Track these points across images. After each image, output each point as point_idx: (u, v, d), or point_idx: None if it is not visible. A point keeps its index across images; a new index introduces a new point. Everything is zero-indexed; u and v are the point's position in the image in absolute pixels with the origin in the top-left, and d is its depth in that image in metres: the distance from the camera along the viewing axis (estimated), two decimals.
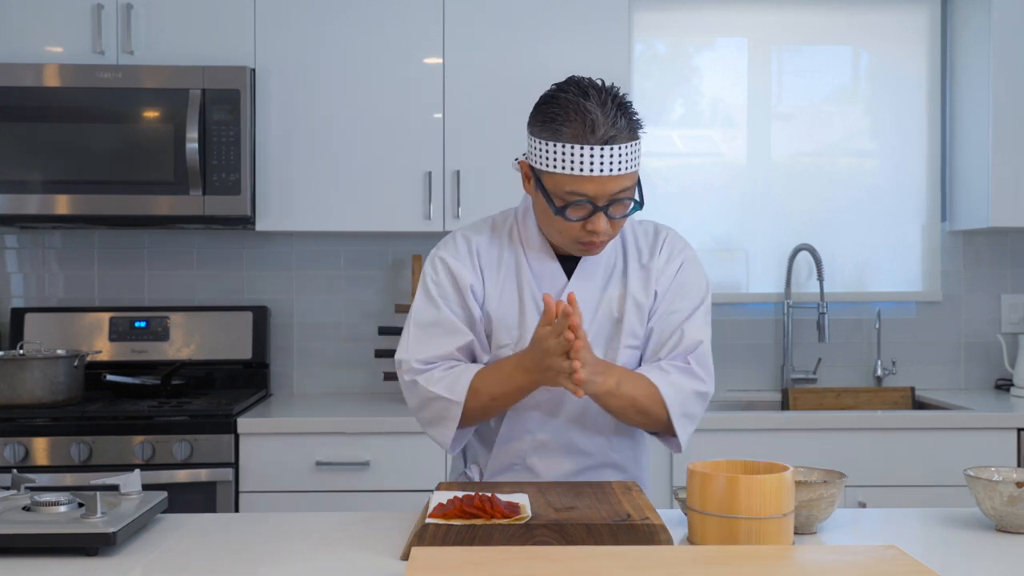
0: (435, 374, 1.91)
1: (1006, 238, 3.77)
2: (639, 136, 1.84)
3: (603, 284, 1.98)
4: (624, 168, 1.81)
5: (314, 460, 3.01)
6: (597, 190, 1.81)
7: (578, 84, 1.84)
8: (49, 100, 3.17)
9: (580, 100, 1.80)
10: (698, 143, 3.80)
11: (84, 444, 2.91)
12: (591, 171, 1.79)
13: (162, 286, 3.64)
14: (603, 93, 1.82)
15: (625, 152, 1.81)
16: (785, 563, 1.42)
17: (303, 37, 3.31)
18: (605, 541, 1.56)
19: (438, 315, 1.94)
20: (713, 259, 3.75)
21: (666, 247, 2.02)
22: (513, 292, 1.96)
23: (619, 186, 1.82)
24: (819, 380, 3.71)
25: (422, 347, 1.94)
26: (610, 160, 1.79)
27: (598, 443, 1.99)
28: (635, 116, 1.85)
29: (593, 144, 1.79)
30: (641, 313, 1.97)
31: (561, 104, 1.82)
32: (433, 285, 1.97)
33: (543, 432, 1.97)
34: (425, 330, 1.95)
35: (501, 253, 1.98)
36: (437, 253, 2.00)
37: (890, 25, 3.76)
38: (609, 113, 1.80)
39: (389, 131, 3.32)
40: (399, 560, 1.58)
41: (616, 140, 1.79)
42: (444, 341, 1.93)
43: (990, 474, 1.81)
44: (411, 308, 2.00)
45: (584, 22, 3.33)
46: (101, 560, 1.58)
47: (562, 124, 1.80)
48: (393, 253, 3.67)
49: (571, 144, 1.79)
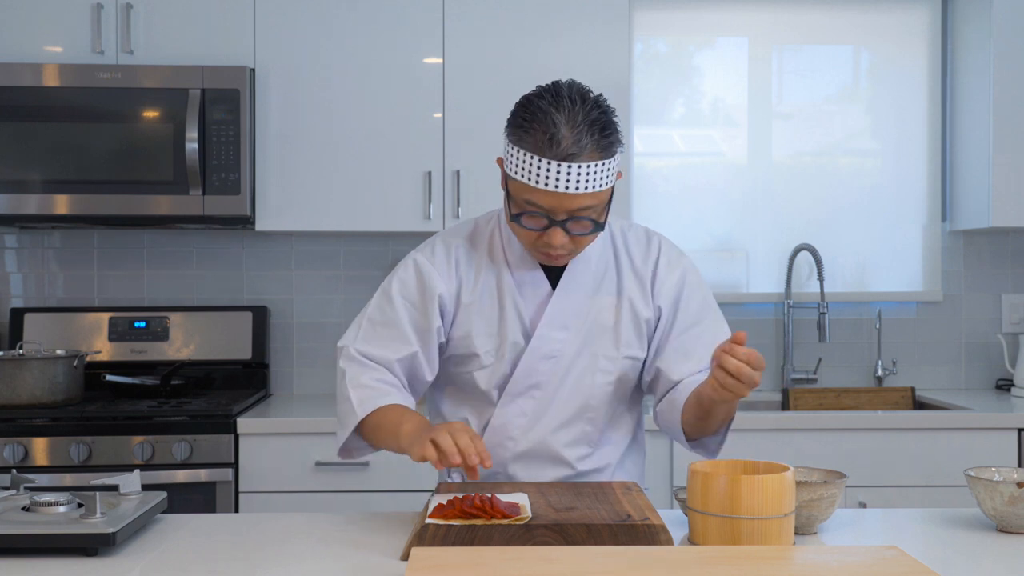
0: (363, 378, 1.85)
1: (1007, 238, 3.76)
2: (613, 155, 1.76)
3: (592, 291, 1.93)
4: (585, 187, 1.73)
5: (314, 460, 3.01)
6: (553, 204, 1.75)
7: (555, 92, 1.76)
8: (48, 100, 3.17)
9: (550, 110, 1.73)
10: (698, 143, 3.80)
11: (83, 444, 2.91)
12: (546, 185, 1.73)
13: (161, 286, 3.63)
14: (578, 105, 1.74)
15: (588, 171, 1.73)
16: (786, 563, 1.42)
17: (303, 37, 3.30)
18: (605, 541, 1.56)
19: (393, 316, 1.90)
20: (713, 259, 3.75)
21: (663, 255, 1.97)
22: (493, 300, 1.92)
23: (579, 204, 1.75)
24: (819, 380, 3.71)
25: (367, 342, 1.89)
26: (567, 177, 1.72)
27: (581, 452, 1.96)
28: (610, 135, 1.75)
29: (551, 159, 1.72)
30: (639, 324, 1.94)
31: (531, 110, 1.75)
32: (399, 284, 1.92)
33: (525, 441, 1.93)
34: (375, 328, 1.90)
35: (481, 259, 1.93)
36: (413, 255, 1.95)
37: (891, 25, 3.76)
38: (576, 128, 1.72)
39: (389, 131, 3.32)
40: (399, 560, 1.57)
41: (577, 158, 1.72)
42: (388, 345, 1.88)
43: (991, 474, 1.80)
44: (370, 302, 1.95)
45: (584, 22, 3.33)
46: (101, 560, 1.58)
47: (527, 131, 1.74)
48: (393, 253, 3.67)
49: (531, 154, 1.73)
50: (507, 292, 1.91)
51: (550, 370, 1.91)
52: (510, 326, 1.90)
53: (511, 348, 1.90)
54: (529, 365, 1.90)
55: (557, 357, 1.91)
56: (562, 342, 1.90)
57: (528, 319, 1.91)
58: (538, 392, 1.92)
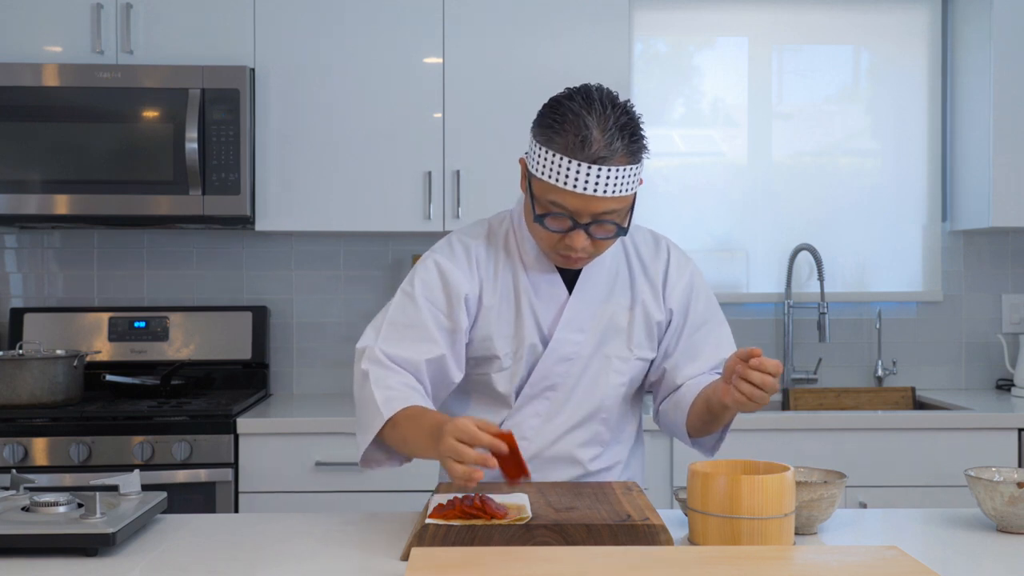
0: (390, 380, 1.80)
1: (1007, 238, 3.76)
2: (639, 160, 1.76)
3: (606, 294, 1.93)
4: (612, 191, 1.73)
5: (314, 460, 3.00)
6: (579, 206, 1.74)
7: (586, 95, 1.75)
8: (48, 100, 3.17)
9: (582, 113, 1.72)
10: (699, 143, 3.80)
11: (83, 444, 2.91)
12: (574, 187, 1.72)
13: (161, 286, 3.63)
14: (609, 109, 1.73)
15: (616, 175, 1.73)
16: (786, 563, 1.42)
17: (303, 37, 3.30)
18: (605, 541, 1.56)
19: (417, 317, 1.85)
20: (713, 259, 3.75)
21: (673, 259, 1.98)
22: (511, 302, 1.91)
23: (604, 207, 1.75)
24: (820, 380, 3.71)
25: (391, 343, 1.83)
26: (596, 180, 1.72)
27: (593, 453, 1.97)
28: (638, 140, 1.75)
29: (581, 161, 1.71)
30: (650, 325, 1.95)
31: (562, 112, 1.74)
32: (422, 286, 1.87)
33: (539, 441, 1.93)
34: (399, 330, 1.84)
35: (498, 261, 1.92)
36: (433, 256, 1.90)
37: (891, 25, 3.76)
38: (607, 132, 1.71)
39: (389, 131, 3.32)
40: (399, 560, 1.57)
41: (607, 162, 1.71)
42: (416, 347, 1.83)
43: (991, 474, 1.80)
44: (389, 304, 1.89)
45: (584, 22, 3.33)
46: (100, 560, 1.57)
47: (557, 132, 1.73)
48: (393, 253, 3.67)
49: (560, 155, 1.72)
50: (523, 294, 1.90)
51: (565, 372, 1.91)
52: (527, 328, 1.89)
53: (529, 351, 1.90)
54: (546, 368, 1.91)
55: (573, 359, 1.91)
56: (578, 344, 1.91)
57: (544, 322, 1.90)
58: (552, 393, 1.93)
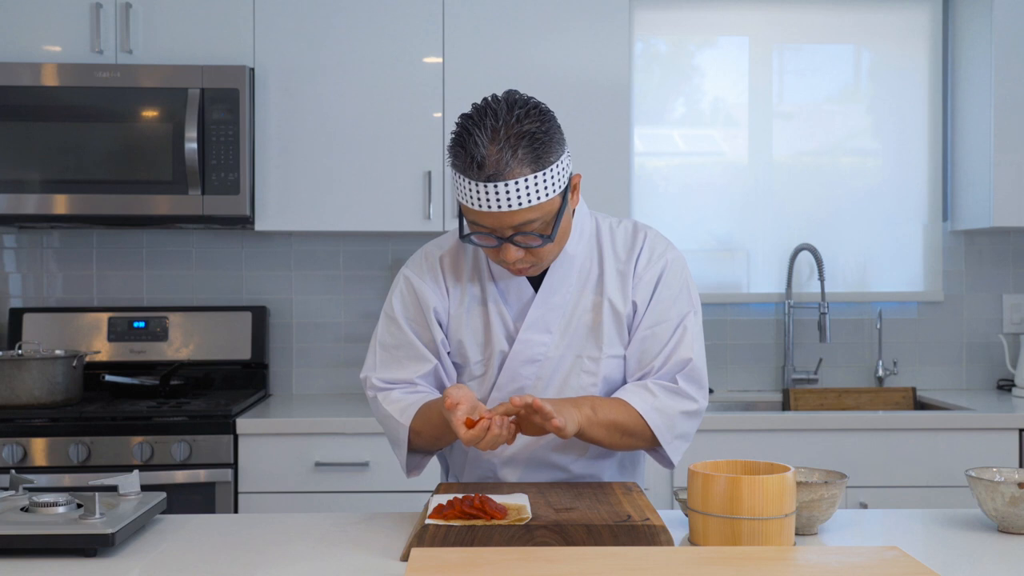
0: (393, 394, 1.89)
1: (1008, 238, 3.76)
2: (546, 166, 1.70)
3: (576, 291, 1.90)
4: (519, 204, 1.69)
5: (313, 461, 3.00)
6: (493, 223, 1.72)
7: (481, 110, 1.70)
8: (47, 99, 3.17)
9: (474, 131, 1.68)
10: (699, 142, 3.80)
11: (83, 445, 2.91)
12: (480, 206, 1.70)
13: (161, 286, 3.63)
14: (502, 120, 1.68)
15: (516, 188, 1.68)
16: (786, 564, 1.42)
17: (302, 37, 3.30)
18: (605, 542, 1.55)
19: (402, 338, 1.91)
20: (714, 259, 3.74)
21: (645, 250, 1.91)
22: (480, 309, 1.90)
23: (520, 219, 1.71)
24: (820, 380, 3.71)
25: (386, 368, 1.91)
26: (496, 197, 1.68)
27: (571, 456, 1.93)
28: (541, 146, 1.69)
29: (478, 180, 1.68)
30: (620, 321, 1.90)
31: (458, 132, 1.71)
32: (400, 305, 1.92)
33: (513, 446, 1.90)
34: (389, 352, 1.92)
35: (467, 269, 1.92)
36: (404, 271, 1.95)
37: (892, 24, 3.76)
38: (498, 146, 1.66)
39: (389, 131, 3.32)
40: (399, 561, 1.57)
41: (502, 177, 1.67)
42: (407, 366, 1.90)
43: (992, 475, 1.80)
44: (377, 327, 1.96)
45: (584, 21, 3.33)
46: (100, 561, 1.57)
47: (456, 155, 1.71)
48: (393, 253, 3.67)
49: (462, 176, 1.71)
50: (491, 300, 1.90)
51: (534, 374, 1.89)
52: (495, 333, 1.89)
53: (498, 356, 1.89)
54: (512, 370, 1.89)
55: (541, 361, 1.89)
56: (545, 345, 1.88)
57: (512, 325, 1.89)
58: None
